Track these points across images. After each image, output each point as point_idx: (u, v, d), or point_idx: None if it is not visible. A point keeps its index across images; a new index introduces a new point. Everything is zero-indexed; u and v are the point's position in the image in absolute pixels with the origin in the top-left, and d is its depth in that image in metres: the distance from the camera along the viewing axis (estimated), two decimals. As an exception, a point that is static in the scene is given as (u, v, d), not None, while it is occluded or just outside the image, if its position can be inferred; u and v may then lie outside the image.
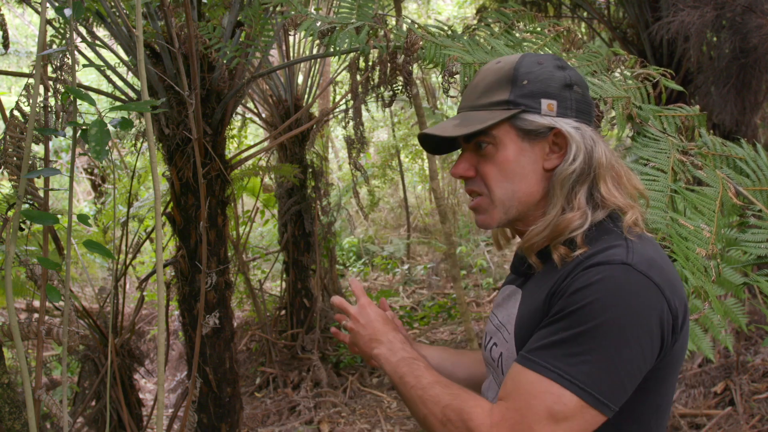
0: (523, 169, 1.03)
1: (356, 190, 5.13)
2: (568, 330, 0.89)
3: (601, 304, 0.87)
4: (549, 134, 1.02)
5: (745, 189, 1.49)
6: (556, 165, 1.02)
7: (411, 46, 1.79)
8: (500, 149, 1.03)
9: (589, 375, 0.86)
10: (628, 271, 0.90)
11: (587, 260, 0.93)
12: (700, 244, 1.33)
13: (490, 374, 1.15)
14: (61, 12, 1.75)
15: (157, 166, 1.42)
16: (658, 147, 1.55)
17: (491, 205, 1.06)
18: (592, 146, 1.01)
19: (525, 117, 1.01)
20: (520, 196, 1.04)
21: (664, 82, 1.76)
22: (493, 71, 1.06)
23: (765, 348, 3.83)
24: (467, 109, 1.08)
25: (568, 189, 1.00)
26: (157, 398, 1.38)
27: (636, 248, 0.94)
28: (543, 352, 0.90)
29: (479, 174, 1.06)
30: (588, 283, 0.89)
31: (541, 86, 1.02)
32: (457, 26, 3.73)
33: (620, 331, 0.87)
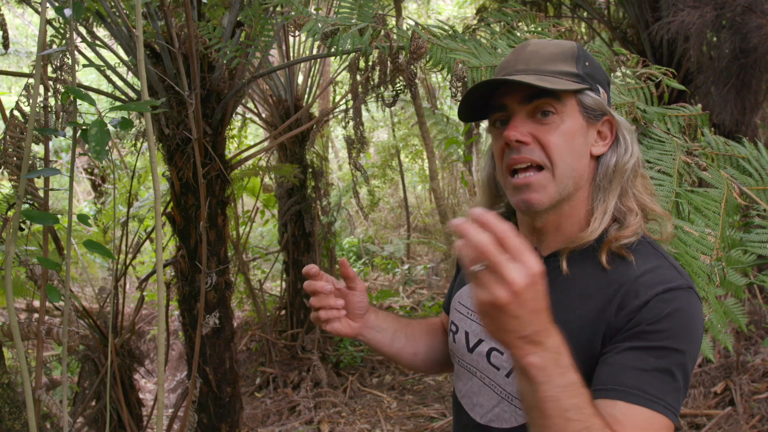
0: (582, 148, 0.97)
1: (356, 190, 5.13)
2: (660, 360, 0.86)
3: (685, 332, 0.88)
4: (600, 120, 0.99)
5: (749, 189, 1.49)
6: (602, 153, 0.99)
7: (417, 49, 1.78)
8: (566, 120, 0.96)
9: (677, 400, 0.87)
10: (692, 296, 0.91)
11: (655, 283, 0.89)
12: (705, 251, 1.32)
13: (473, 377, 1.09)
14: (61, 12, 1.74)
15: (157, 166, 1.41)
16: (663, 149, 1.54)
17: (552, 180, 0.95)
18: (635, 142, 1.00)
19: (590, 94, 0.98)
20: (575, 176, 0.97)
21: (666, 81, 1.76)
22: (554, 44, 1.00)
23: (765, 348, 3.83)
24: (532, 72, 0.97)
25: (623, 183, 0.97)
26: (157, 398, 1.38)
27: (677, 265, 0.95)
28: (643, 383, 0.85)
29: (540, 143, 0.95)
30: (670, 310, 0.87)
31: (598, 73, 1.01)
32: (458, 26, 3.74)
33: (694, 359, 0.89)
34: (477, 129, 7.28)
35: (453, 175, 8.94)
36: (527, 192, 0.96)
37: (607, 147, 1.00)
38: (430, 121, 7.31)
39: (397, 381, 4.76)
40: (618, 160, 0.98)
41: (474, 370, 1.10)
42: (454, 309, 1.18)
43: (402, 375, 4.90)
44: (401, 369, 5.00)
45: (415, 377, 4.83)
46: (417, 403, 4.36)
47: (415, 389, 4.64)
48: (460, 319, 1.14)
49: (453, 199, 8.73)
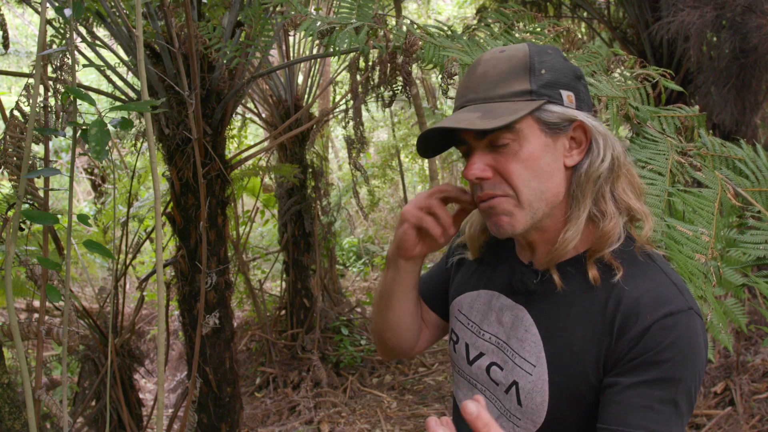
0: (549, 167, 0.92)
1: (356, 190, 5.13)
2: (663, 391, 0.86)
3: (688, 360, 0.87)
4: (569, 128, 0.93)
5: (744, 190, 1.49)
6: (577, 162, 0.94)
7: (410, 47, 1.78)
8: (524, 145, 0.91)
9: (683, 425, 0.88)
10: (693, 318, 0.88)
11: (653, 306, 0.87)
12: (699, 250, 1.32)
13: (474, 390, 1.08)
14: (61, 12, 1.75)
15: (157, 166, 1.42)
16: (657, 148, 1.54)
17: (517, 206, 0.93)
18: (613, 142, 0.95)
19: (549, 108, 0.91)
20: (548, 197, 0.93)
21: (663, 82, 1.76)
22: (504, 59, 0.94)
23: (765, 348, 3.83)
24: (481, 101, 0.93)
25: (596, 190, 0.93)
26: (157, 398, 1.38)
27: (675, 280, 0.92)
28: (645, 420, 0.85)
29: (500, 173, 0.93)
30: (672, 339, 0.86)
31: (558, 76, 0.93)
32: (457, 26, 3.74)
33: (699, 378, 0.89)
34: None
35: (453, 175, 8.94)
36: (497, 216, 0.95)
37: (583, 154, 0.94)
38: (430, 121, 7.30)
39: (397, 381, 4.77)
40: (590, 166, 0.93)
41: (474, 382, 1.08)
42: (453, 317, 1.15)
43: (402, 375, 4.90)
44: (401, 369, 5.00)
45: (415, 377, 4.83)
46: (417, 403, 4.36)
47: (415, 389, 4.64)
48: (461, 329, 1.11)
49: (453, 199, 8.72)
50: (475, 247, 1.13)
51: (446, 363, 5.03)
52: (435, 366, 5.01)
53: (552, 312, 0.96)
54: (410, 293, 1.15)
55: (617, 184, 0.95)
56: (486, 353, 1.04)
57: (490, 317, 1.05)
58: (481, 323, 1.07)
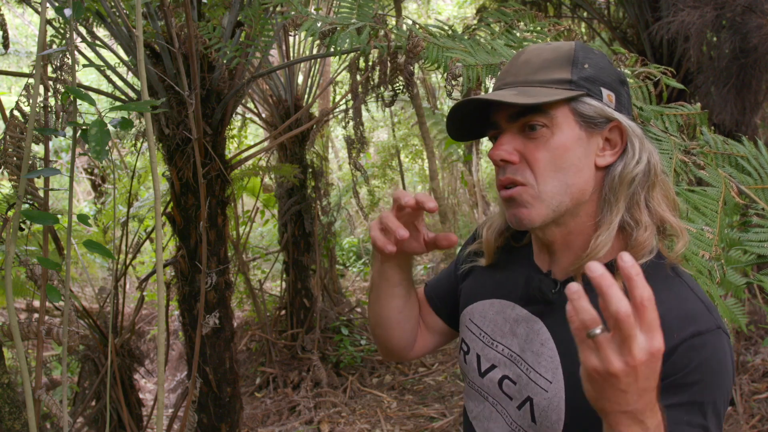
0: (579, 161, 0.89)
1: (356, 190, 5.13)
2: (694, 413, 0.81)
3: (718, 380, 0.83)
4: (606, 127, 0.90)
5: (747, 188, 1.49)
6: (609, 163, 0.91)
7: (413, 48, 1.78)
8: (556, 133, 0.89)
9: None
10: (722, 338, 0.84)
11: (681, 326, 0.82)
12: (703, 247, 1.32)
13: (485, 402, 1.04)
14: (61, 12, 1.75)
15: (157, 166, 1.42)
16: (661, 148, 1.53)
17: (537, 198, 0.89)
18: (650, 149, 0.91)
19: (587, 101, 0.89)
20: (573, 192, 0.89)
21: (665, 80, 1.76)
22: (549, 49, 0.93)
23: (765, 348, 3.83)
24: (520, 84, 0.91)
25: (630, 195, 0.89)
26: (157, 398, 1.38)
27: (703, 298, 0.87)
28: None
29: (526, 160, 0.90)
30: (702, 360, 0.81)
31: (601, 74, 0.91)
32: (457, 26, 3.74)
33: (729, 393, 0.86)
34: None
35: (453, 175, 8.94)
36: (515, 207, 0.91)
37: (616, 156, 0.91)
38: (430, 121, 7.30)
39: (397, 381, 4.77)
40: (624, 169, 0.89)
41: (486, 395, 1.04)
42: (464, 326, 1.11)
43: (402, 375, 4.90)
44: (401, 369, 5.00)
45: (415, 377, 4.83)
46: (417, 403, 4.36)
47: (415, 389, 4.64)
48: (472, 339, 1.07)
49: (453, 199, 8.72)
50: (490, 251, 1.08)
51: (446, 363, 5.03)
52: (435, 366, 5.01)
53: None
54: (395, 288, 1.10)
55: (652, 193, 0.91)
56: (498, 365, 1.00)
57: (504, 328, 1.01)
58: (494, 334, 1.03)
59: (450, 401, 4.32)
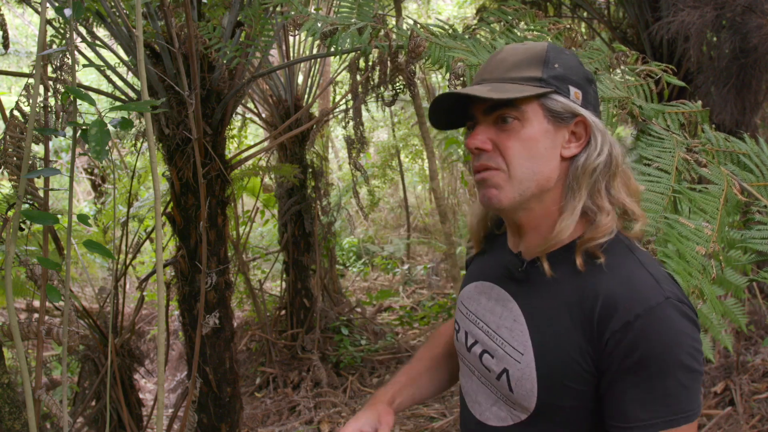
0: (546, 152, 0.99)
1: (356, 190, 5.13)
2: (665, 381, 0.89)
3: (670, 348, 0.89)
4: (572, 121, 1.00)
5: (749, 185, 1.49)
6: (574, 154, 1.00)
7: (416, 48, 1.78)
8: (526, 125, 0.98)
9: (697, 399, 0.90)
10: (671, 305, 0.91)
11: (629, 301, 0.91)
12: (700, 243, 1.32)
13: (473, 376, 1.13)
14: (61, 12, 1.74)
15: (157, 166, 1.42)
16: (663, 146, 1.54)
17: (507, 181, 0.99)
18: (611, 141, 1.01)
19: (555, 98, 0.99)
20: (539, 179, 0.99)
21: (666, 78, 1.76)
22: (522, 50, 1.02)
23: (765, 348, 3.83)
24: (494, 80, 1.01)
25: (592, 183, 0.98)
26: (157, 398, 1.38)
27: (653, 271, 0.95)
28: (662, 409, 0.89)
29: (498, 148, 1.00)
30: (651, 333, 0.89)
31: (570, 73, 1.01)
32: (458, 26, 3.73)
33: (695, 353, 0.90)
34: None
35: (453, 175, 8.94)
36: (486, 187, 1.01)
37: (580, 148, 1.00)
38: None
39: (397, 381, 4.76)
40: (586, 159, 0.99)
41: (473, 369, 1.13)
42: (458, 309, 1.21)
43: (402, 375, 4.89)
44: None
45: (415, 377, 4.83)
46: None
47: (415, 389, 4.64)
48: (461, 319, 1.17)
49: (453, 199, 8.73)
50: (477, 240, 1.20)
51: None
52: (435, 366, 5.00)
53: (537, 301, 1.01)
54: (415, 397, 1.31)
55: (613, 182, 1.00)
56: (479, 341, 1.10)
57: (486, 307, 1.11)
58: (477, 312, 1.12)
59: (450, 401, 4.32)
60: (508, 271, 1.07)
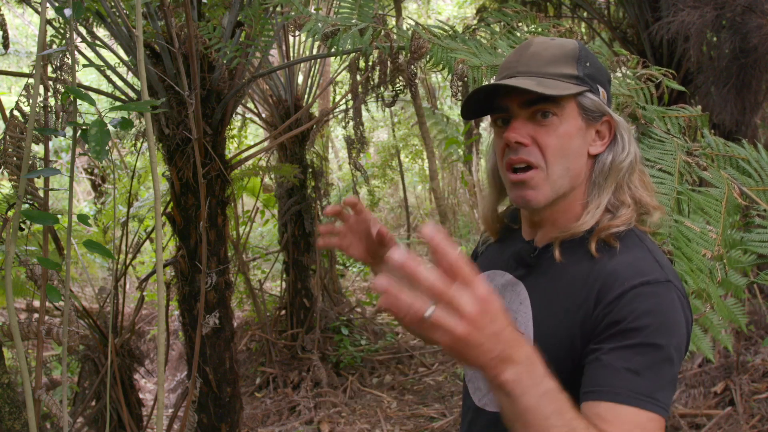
0: (579, 149, 1.02)
1: (356, 190, 5.13)
2: (644, 357, 0.89)
3: (664, 327, 0.90)
4: (599, 120, 1.03)
5: (748, 189, 1.50)
6: (599, 152, 1.04)
7: (418, 49, 1.78)
8: (564, 122, 1.00)
9: (667, 396, 0.90)
10: (671, 289, 0.93)
11: (630, 276, 0.93)
12: (706, 246, 1.33)
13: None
14: (61, 12, 1.74)
15: (157, 166, 1.42)
16: (664, 148, 1.56)
17: (545, 180, 1.01)
18: (634, 141, 1.04)
19: (590, 96, 1.02)
20: (572, 175, 1.02)
21: (666, 82, 1.76)
22: (555, 45, 1.04)
23: (765, 348, 3.83)
24: (533, 74, 1.01)
25: (619, 180, 1.02)
26: (157, 398, 1.38)
27: (659, 258, 0.97)
28: (629, 382, 0.88)
29: (537, 144, 1.01)
30: (646, 306, 0.90)
31: (598, 73, 1.04)
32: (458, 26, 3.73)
33: (678, 350, 0.91)
34: (477, 129, 7.27)
35: (453, 175, 8.94)
36: (524, 189, 1.02)
37: (605, 146, 1.04)
38: (430, 121, 7.31)
39: (397, 381, 4.77)
40: (614, 158, 1.02)
41: None
42: None
43: (402, 375, 4.90)
44: (401, 369, 5.00)
45: (415, 377, 4.83)
46: (417, 403, 4.36)
47: (415, 389, 4.64)
48: None
49: (453, 199, 8.73)
50: (494, 230, 1.22)
51: (446, 363, 5.03)
52: (435, 366, 5.00)
53: (544, 285, 1.03)
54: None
55: (632, 178, 1.03)
56: None
57: (501, 294, 1.12)
58: None
59: (450, 401, 4.32)
60: (520, 257, 1.09)
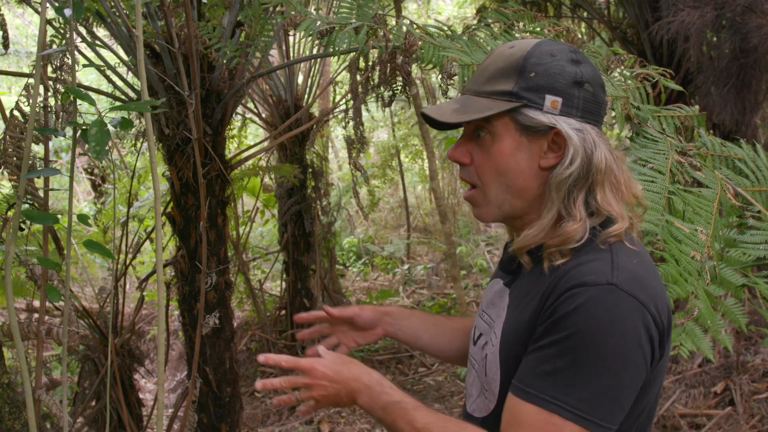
0: (518, 165, 0.99)
1: (356, 190, 5.13)
2: (562, 358, 0.87)
3: (592, 330, 0.86)
4: (549, 132, 0.97)
5: (744, 190, 1.49)
6: (552, 164, 0.98)
7: (409, 47, 1.79)
8: (496, 141, 0.99)
9: (589, 402, 0.86)
10: (614, 292, 0.88)
11: (573, 278, 0.91)
12: (695, 248, 1.33)
13: (472, 369, 1.15)
14: (61, 12, 1.75)
15: (157, 166, 1.42)
16: (657, 148, 1.54)
17: (484, 198, 1.03)
18: (592, 150, 0.97)
19: (526, 112, 0.97)
20: (513, 192, 1.00)
21: (663, 82, 1.76)
22: (504, 57, 1.01)
23: (765, 348, 3.83)
24: (471, 92, 1.03)
25: (564, 193, 0.97)
26: (157, 398, 1.38)
27: (621, 263, 0.92)
28: (539, 382, 0.88)
29: (474, 163, 1.03)
30: (575, 306, 0.87)
31: (549, 81, 0.97)
32: (457, 26, 3.73)
33: (613, 355, 0.87)
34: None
35: (453, 175, 8.93)
36: (472, 206, 1.07)
37: (559, 158, 0.98)
38: (430, 121, 7.28)
39: (397, 381, 4.76)
40: (558, 171, 0.98)
41: (474, 362, 1.15)
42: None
43: (402, 375, 4.90)
44: (401, 369, 5.00)
45: (415, 377, 4.83)
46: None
47: (415, 389, 4.64)
48: (476, 316, 1.21)
49: (453, 199, 8.72)
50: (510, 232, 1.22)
51: (446, 363, 5.03)
52: (435, 366, 5.00)
53: (518, 292, 1.05)
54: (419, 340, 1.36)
55: (595, 190, 0.97)
56: (483, 333, 1.13)
57: (490, 300, 1.15)
58: (484, 306, 1.16)
59: (450, 401, 4.32)
60: (504, 265, 1.12)
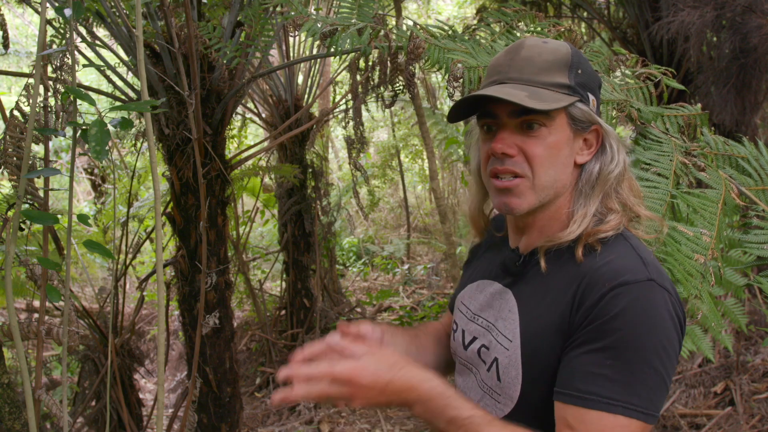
0: (566, 159, 1.01)
1: (356, 190, 5.13)
2: (616, 360, 0.88)
3: (640, 330, 0.88)
4: (588, 129, 1.01)
5: (747, 189, 1.48)
6: (586, 161, 1.02)
7: (414, 49, 1.78)
8: (553, 133, 0.99)
9: (648, 398, 0.88)
10: (654, 288, 0.91)
11: (609, 277, 0.91)
12: (699, 251, 1.32)
13: (470, 373, 1.13)
14: (61, 12, 1.74)
15: (157, 166, 1.42)
16: (661, 149, 1.54)
17: (531, 189, 1.00)
18: (623, 149, 1.03)
19: (580, 106, 1.00)
20: (558, 185, 1.01)
21: (666, 81, 1.76)
22: (549, 50, 1.01)
23: (765, 348, 3.83)
24: (525, 82, 0.99)
25: (607, 189, 1.00)
26: (157, 398, 1.38)
27: (644, 255, 0.96)
28: (598, 387, 0.88)
29: (525, 154, 0.99)
30: (623, 307, 0.89)
31: (590, 80, 1.02)
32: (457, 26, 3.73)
33: (663, 349, 0.89)
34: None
35: (453, 175, 8.93)
36: (508, 196, 1.01)
37: (592, 155, 1.02)
38: (430, 121, 7.29)
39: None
40: (602, 168, 1.01)
41: (470, 366, 1.13)
42: (456, 308, 1.22)
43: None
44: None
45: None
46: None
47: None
48: (460, 318, 1.18)
49: (453, 199, 8.72)
50: (478, 229, 1.21)
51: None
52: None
53: (531, 292, 1.03)
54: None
55: (622, 186, 1.02)
56: (478, 337, 1.11)
57: (484, 303, 1.12)
58: (475, 309, 1.14)
59: (450, 401, 4.32)
60: (506, 266, 1.09)
